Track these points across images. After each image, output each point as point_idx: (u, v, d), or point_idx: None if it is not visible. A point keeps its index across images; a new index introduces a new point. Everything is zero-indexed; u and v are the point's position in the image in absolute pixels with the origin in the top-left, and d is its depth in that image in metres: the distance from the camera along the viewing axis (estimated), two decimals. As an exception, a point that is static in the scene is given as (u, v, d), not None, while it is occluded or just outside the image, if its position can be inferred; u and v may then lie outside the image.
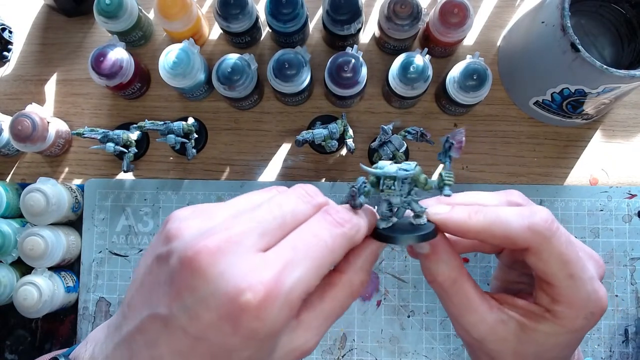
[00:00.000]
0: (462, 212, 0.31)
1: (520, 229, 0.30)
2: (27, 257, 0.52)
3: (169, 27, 0.55)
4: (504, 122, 0.58)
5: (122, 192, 0.58)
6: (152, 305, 0.26)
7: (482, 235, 0.31)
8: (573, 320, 0.31)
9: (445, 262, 0.31)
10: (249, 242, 0.25)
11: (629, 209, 0.56)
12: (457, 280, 0.32)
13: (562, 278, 0.30)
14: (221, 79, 0.52)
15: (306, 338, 0.27)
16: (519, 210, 0.31)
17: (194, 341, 0.24)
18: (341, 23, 0.52)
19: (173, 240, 0.26)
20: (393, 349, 0.55)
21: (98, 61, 0.53)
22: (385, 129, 0.52)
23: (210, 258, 0.24)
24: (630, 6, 0.52)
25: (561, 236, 0.30)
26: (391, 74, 0.52)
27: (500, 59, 0.59)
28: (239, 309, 0.23)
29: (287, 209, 0.26)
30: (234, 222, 0.25)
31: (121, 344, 0.26)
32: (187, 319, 0.24)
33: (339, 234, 0.26)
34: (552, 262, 0.30)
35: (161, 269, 0.26)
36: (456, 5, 0.51)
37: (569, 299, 0.30)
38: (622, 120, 0.58)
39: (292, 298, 0.24)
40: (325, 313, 0.28)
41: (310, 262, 0.25)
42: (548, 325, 0.31)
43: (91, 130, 0.54)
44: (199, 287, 0.24)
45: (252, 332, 0.24)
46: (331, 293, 0.28)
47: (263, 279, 0.23)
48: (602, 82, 0.46)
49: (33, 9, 0.62)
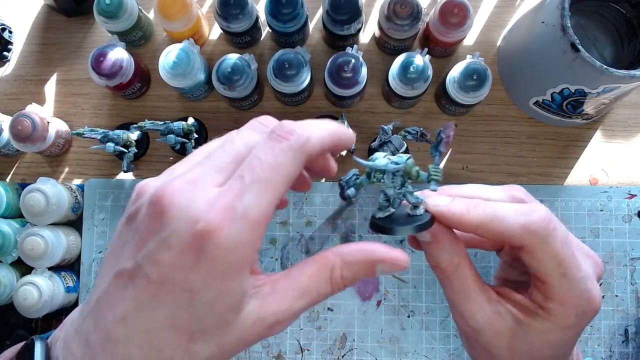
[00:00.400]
0: (460, 206, 0.31)
1: (517, 227, 0.30)
2: (27, 257, 0.52)
3: (169, 27, 0.55)
4: (504, 122, 0.58)
5: (122, 192, 0.58)
6: (119, 264, 0.26)
7: (480, 231, 0.31)
8: (565, 317, 0.31)
9: (447, 249, 0.32)
10: (207, 180, 0.25)
11: (629, 209, 0.56)
12: (459, 266, 0.32)
13: (555, 277, 0.30)
14: (221, 79, 0.52)
15: (277, 308, 0.26)
16: (517, 207, 0.31)
17: (156, 288, 0.24)
18: (341, 23, 0.52)
19: (140, 197, 0.27)
20: (393, 349, 0.55)
21: (98, 61, 0.53)
22: (385, 129, 0.52)
23: (170, 199, 0.24)
24: (630, 6, 0.52)
25: (557, 236, 0.30)
26: (391, 74, 0.52)
27: (500, 59, 0.59)
28: (198, 237, 0.23)
29: (239, 143, 0.27)
30: (193, 167, 0.26)
31: (89, 314, 0.26)
32: (150, 264, 0.24)
33: (283, 148, 0.26)
34: (546, 261, 0.30)
35: (129, 226, 0.26)
36: (456, 5, 0.51)
37: (561, 297, 0.31)
38: (622, 120, 0.58)
39: (248, 220, 0.24)
40: (301, 287, 0.27)
41: (258, 184, 0.25)
42: (541, 321, 0.31)
43: (91, 130, 0.54)
44: (162, 229, 0.24)
45: (212, 260, 0.24)
46: (312, 269, 0.28)
47: (217, 207, 0.24)
48: (602, 82, 0.46)
49: (33, 9, 0.62)
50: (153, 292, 0.24)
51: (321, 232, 0.57)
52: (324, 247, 0.56)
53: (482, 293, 0.32)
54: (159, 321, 0.25)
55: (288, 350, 0.55)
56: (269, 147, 0.26)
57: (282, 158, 0.26)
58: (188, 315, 0.25)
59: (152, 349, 0.25)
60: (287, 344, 0.55)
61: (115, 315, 0.25)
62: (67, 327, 0.28)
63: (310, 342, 0.55)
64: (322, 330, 0.56)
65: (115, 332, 0.25)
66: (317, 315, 0.56)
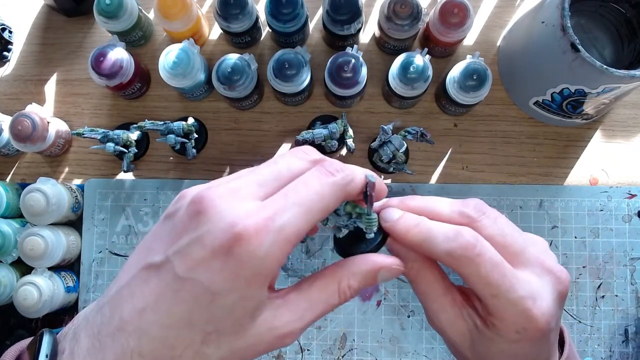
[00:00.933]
0: (404, 224, 0.33)
1: (442, 253, 0.31)
2: (27, 257, 0.52)
3: (169, 27, 0.55)
4: (504, 122, 0.58)
5: (122, 192, 0.58)
6: (149, 257, 0.26)
7: (418, 249, 0.33)
8: (506, 332, 0.32)
9: (404, 256, 0.33)
10: (248, 191, 0.27)
11: (629, 209, 0.56)
12: (420, 270, 0.34)
13: (487, 297, 0.32)
14: (221, 79, 0.52)
15: (289, 319, 0.28)
16: (446, 231, 0.32)
17: (180, 283, 0.25)
18: (341, 23, 0.52)
19: (182, 199, 0.28)
20: (393, 349, 0.55)
21: (98, 61, 0.53)
22: (385, 129, 0.52)
23: (211, 201, 0.25)
24: (630, 6, 0.52)
25: (481, 261, 0.31)
26: (391, 74, 0.52)
27: (500, 59, 0.59)
28: (231, 239, 0.24)
29: (283, 165, 0.28)
30: (236, 179, 0.27)
31: (106, 305, 0.26)
32: (180, 259, 0.25)
33: (329, 182, 0.28)
34: (474, 283, 0.32)
35: (166, 224, 0.27)
36: (456, 5, 0.51)
37: (498, 314, 0.32)
38: (622, 120, 0.58)
39: (282, 237, 0.25)
40: (312, 299, 0.29)
41: (299, 207, 0.26)
42: (489, 331, 0.33)
43: (91, 130, 0.54)
44: (198, 227, 0.25)
45: (240, 266, 0.24)
46: (321, 282, 0.29)
47: (256, 217, 0.25)
48: (602, 82, 0.46)
49: (33, 9, 0.62)
50: (176, 287, 0.25)
51: (321, 232, 0.57)
52: (324, 247, 0.56)
53: (446, 295, 0.34)
54: (176, 317, 0.25)
55: (288, 350, 0.55)
56: (317, 177, 0.28)
57: (327, 190, 0.27)
58: (207, 315, 0.25)
59: (164, 345, 0.25)
60: (287, 344, 0.56)
61: (134, 306, 0.25)
62: (79, 319, 0.28)
63: (310, 342, 0.55)
64: (322, 330, 0.56)
65: (131, 324, 0.25)
66: (317, 315, 0.56)
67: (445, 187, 0.57)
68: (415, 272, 0.34)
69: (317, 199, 0.27)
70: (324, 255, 0.56)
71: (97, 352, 0.25)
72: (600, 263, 0.56)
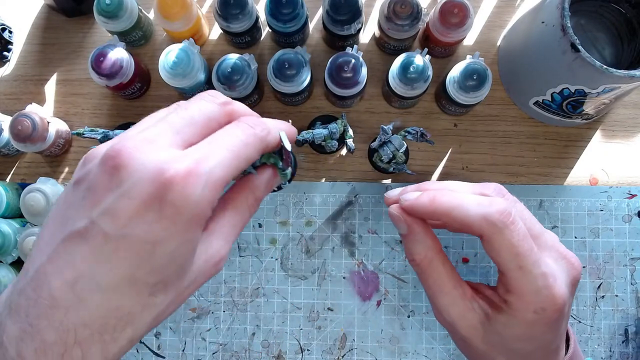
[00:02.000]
0: (427, 196, 0.34)
1: (476, 217, 0.32)
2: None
3: (169, 27, 0.55)
4: (504, 122, 0.58)
5: (122, 192, 0.58)
6: (66, 227, 0.25)
7: (444, 218, 0.33)
8: (523, 312, 0.32)
9: (421, 242, 0.34)
10: (166, 139, 0.26)
11: (629, 209, 0.56)
12: (433, 260, 0.34)
13: (512, 269, 0.32)
14: (221, 79, 0.52)
15: (219, 245, 0.28)
16: (479, 199, 0.33)
17: (115, 243, 0.24)
18: (341, 23, 0.52)
19: (90, 161, 0.26)
20: (393, 349, 0.55)
21: (98, 61, 0.53)
22: (385, 129, 0.52)
23: (129, 154, 0.24)
24: (630, 6, 0.52)
25: (515, 229, 0.32)
26: (391, 74, 0.52)
27: (500, 59, 0.59)
28: (163, 186, 0.23)
29: (194, 109, 0.28)
30: (146, 129, 0.26)
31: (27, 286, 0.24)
32: (109, 219, 0.23)
33: (251, 133, 0.28)
34: (502, 252, 0.32)
35: (78, 189, 0.25)
36: (456, 5, 0.51)
37: (518, 289, 0.32)
38: (622, 120, 0.58)
39: (213, 180, 0.25)
40: (231, 221, 0.29)
41: (227, 152, 0.26)
42: (504, 315, 0.33)
43: (91, 130, 0.54)
44: (121, 182, 0.24)
45: (177, 212, 0.24)
46: (232, 205, 0.30)
47: (185, 162, 0.24)
48: (602, 82, 0.46)
49: (33, 9, 0.62)
50: (111, 248, 0.24)
51: (321, 232, 0.57)
52: (324, 247, 0.56)
53: (457, 288, 0.34)
54: (117, 277, 0.24)
55: (288, 350, 0.55)
56: (240, 128, 0.28)
57: (251, 140, 0.28)
58: (149, 267, 0.24)
59: (109, 309, 0.24)
60: (287, 344, 0.56)
61: (64, 279, 0.24)
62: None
63: (310, 342, 0.56)
64: (322, 330, 0.56)
65: (65, 298, 0.24)
66: (317, 315, 0.56)
67: (445, 187, 0.57)
68: (427, 262, 0.34)
69: (242, 147, 0.27)
70: (324, 255, 0.56)
71: (33, 335, 0.24)
72: (600, 263, 0.56)
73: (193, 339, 0.56)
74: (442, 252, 0.35)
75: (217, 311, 0.56)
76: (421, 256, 0.34)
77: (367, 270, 0.56)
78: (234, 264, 0.56)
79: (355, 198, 0.57)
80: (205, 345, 0.56)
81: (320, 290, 0.56)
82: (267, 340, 0.56)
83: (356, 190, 0.57)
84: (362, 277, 0.56)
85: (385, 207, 0.56)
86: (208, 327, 0.56)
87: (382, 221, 0.56)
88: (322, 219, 0.57)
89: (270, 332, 0.56)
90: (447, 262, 0.35)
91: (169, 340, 0.56)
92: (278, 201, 0.57)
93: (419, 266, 0.35)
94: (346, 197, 0.57)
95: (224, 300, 0.56)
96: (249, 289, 0.56)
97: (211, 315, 0.56)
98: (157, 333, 0.56)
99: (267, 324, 0.56)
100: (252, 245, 0.57)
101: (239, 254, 0.57)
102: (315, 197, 0.57)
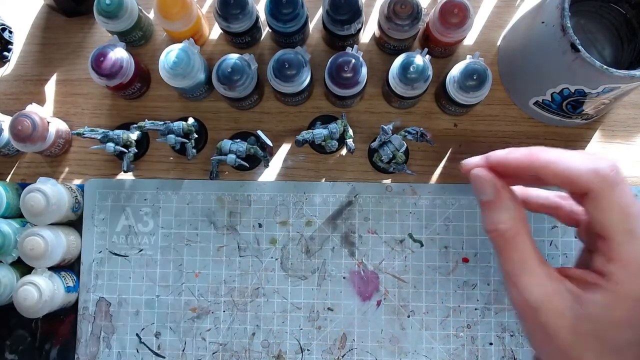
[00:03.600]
0: (523, 150, 0.30)
1: (584, 169, 0.28)
2: (27, 257, 0.52)
3: (169, 27, 0.55)
4: (504, 122, 0.58)
5: (122, 192, 0.58)
6: None
7: (545, 171, 0.29)
8: (628, 284, 0.28)
9: (509, 209, 0.30)
10: None
11: (629, 209, 0.56)
12: (519, 233, 0.30)
13: (620, 232, 0.28)
14: (221, 79, 0.52)
15: None
16: (584, 154, 0.30)
17: None
18: (341, 23, 0.52)
19: None
20: (393, 349, 0.55)
21: (98, 61, 0.53)
22: (385, 129, 0.52)
23: None
24: (630, 6, 0.52)
25: (625, 188, 0.28)
26: (391, 74, 0.52)
27: (500, 59, 0.59)
28: None
29: None
30: None
31: None
32: None
33: None
34: (611, 212, 0.28)
35: None
36: (456, 5, 0.51)
37: (624, 256, 0.28)
38: (622, 120, 0.58)
39: None
40: None
41: None
42: (602, 294, 0.28)
43: (91, 130, 0.54)
44: None
45: None
46: None
47: None
48: (602, 82, 0.46)
49: (33, 9, 0.62)
50: None
51: (321, 232, 0.57)
52: (324, 247, 0.56)
53: (542, 267, 0.30)
54: None
55: (288, 350, 0.55)
56: None
57: None
58: None
59: None
60: (287, 344, 0.56)
61: None
62: None
63: (310, 342, 0.56)
64: (322, 330, 0.56)
65: None
66: (317, 315, 0.56)
67: (445, 187, 0.57)
68: (512, 234, 0.30)
69: None
70: (324, 255, 0.56)
71: None
72: (600, 263, 0.56)
73: (193, 339, 0.56)
74: (528, 225, 0.30)
75: (217, 311, 0.56)
76: (507, 225, 0.30)
77: (367, 270, 0.56)
78: (234, 264, 0.56)
79: (355, 198, 0.57)
80: (205, 345, 0.56)
81: (320, 290, 0.56)
82: (267, 340, 0.56)
83: (356, 190, 0.57)
84: (362, 277, 0.56)
85: (385, 207, 0.56)
86: (208, 327, 0.56)
87: (382, 221, 0.56)
88: (322, 219, 0.57)
89: (270, 332, 0.56)
90: (531, 238, 0.30)
91: (169, 340, 0.56)
92: (278, 201, 0.57)
93: (503, 237, 0.30)
94: (346, 197, 0.57)
95: (224, 300, 0.56)
96: (249, 289, 0.56)
97: (211, 315, 0.56)
98: (157, 333, 0.56)
99: (267, 324, 0.56)
100: (252, 245, 0.57)
101: (239, 254, 0.57)
102: (315, 197, 0.57)
